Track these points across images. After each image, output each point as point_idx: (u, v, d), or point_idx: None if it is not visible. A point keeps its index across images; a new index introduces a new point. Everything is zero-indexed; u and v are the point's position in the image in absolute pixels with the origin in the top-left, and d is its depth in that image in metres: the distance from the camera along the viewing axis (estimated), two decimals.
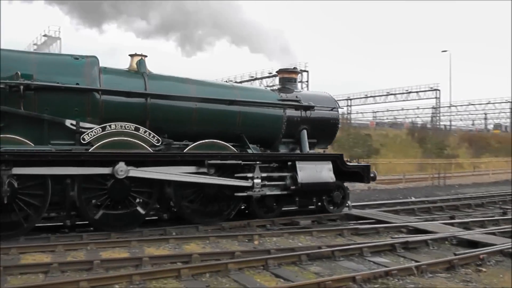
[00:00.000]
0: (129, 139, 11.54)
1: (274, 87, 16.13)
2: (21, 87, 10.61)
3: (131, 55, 13.08)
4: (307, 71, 56.30)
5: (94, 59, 12.01)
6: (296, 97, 14.98)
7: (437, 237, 11.48)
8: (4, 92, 10.53)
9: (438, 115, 73.11)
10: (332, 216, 14.61)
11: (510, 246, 10.33)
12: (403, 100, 75.17)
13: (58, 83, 11.21)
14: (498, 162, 46.11)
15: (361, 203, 17.68)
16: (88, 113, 11.57)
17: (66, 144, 11.28)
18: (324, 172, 13.95)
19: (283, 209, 14.42)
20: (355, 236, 12.14)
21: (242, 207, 13.90)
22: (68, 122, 11.21)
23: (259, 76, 61.67)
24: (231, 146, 13.06)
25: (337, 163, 14.46)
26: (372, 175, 15.24)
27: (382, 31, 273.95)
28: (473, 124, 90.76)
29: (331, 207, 14.76)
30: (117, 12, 13.39)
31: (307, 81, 57.98)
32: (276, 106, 14.46)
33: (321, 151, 16.21)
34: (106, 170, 11.19)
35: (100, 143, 11.23)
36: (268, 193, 13.36)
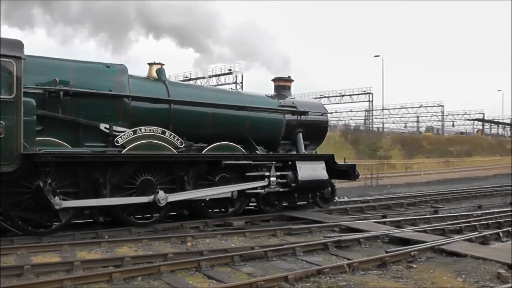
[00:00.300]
0: (157, 141, 12.74)
1: (271, 94, 17.23)
2: (60, 93, 11.53)
3: (150, 64, 14.32)
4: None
5: (123, 67, 13.11)
6: (293, 103, 16.77)
7: (369, 236, 11.67)
8: (43, 98, 11.32)
9: (371, 117, 74.89)
10: (265, 217, 14.71)
11: (440, 243, 10.64)
12: (337, 103, 76.51)
13: (92, 89, 12.17)
14: (430, 163, 47.57)
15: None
16: (120, 117, 12.62)
17: (99, 146, 12.29)
18: (319, 171, 15.73)
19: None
20: (288, 236, 12.19)
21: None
22: (102, 126, 12.24)
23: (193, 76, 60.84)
24: (241, 148, 14.59)
25: (329, 162, 16.24)
26: (356, 173, 17.00)
27: (315, 31, 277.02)
28: (405, 127, 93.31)
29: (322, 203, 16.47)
30: None
31: (241, 82, 58.18)
32: (277, 111, 16.17)
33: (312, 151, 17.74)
34: (145, 199, 12.41)
35: (132, 145, 12.32)
36: (277, 189, 14.91)
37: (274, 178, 14.79)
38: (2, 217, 10.97)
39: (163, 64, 14.31)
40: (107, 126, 12.29)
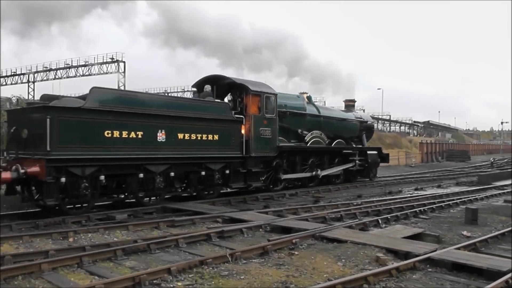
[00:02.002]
0: (319, 139, 22.91)
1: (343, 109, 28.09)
2: (287, 112, 21.11)
3: (302, 93, 24.17)
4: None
5: (306, 95, 23.84)
6: (360, 115, 28.19)
7: (251, 225, 12.02)
8: (280, 116, 20.07)
9: None
10: (148, 209, 14.71)
11: (321, 230, 11.14)
12: None
13: (295, 110, 21.96)
14: None
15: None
16: (305, 125, 22.50)
17: (297, 143, 22.02)
18: (376, 157, 27.10)
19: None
20: (171, 228, 12.26)
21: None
22: (299, 131, 22.11)
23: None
24: (347, 143, 25.70)
25: (378, 152, 27.91)
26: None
27: None
28: None
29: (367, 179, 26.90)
30: None
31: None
32: (354, 121, 26.74)
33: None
34: (312, 174, 22.77)
35: (310, 142, 22.29)
36: (358, 168, 25.70)
37: (358, 161, 25.38)
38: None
39: (307, 93, 24.32)
40: (300, 130, 22.15)
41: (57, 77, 69.56)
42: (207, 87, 18.41)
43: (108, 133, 13.73)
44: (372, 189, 23.17)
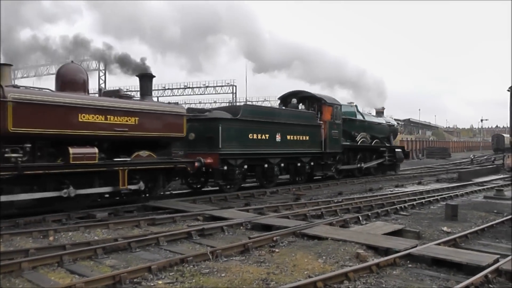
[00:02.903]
0: (365, 139, 28.95)
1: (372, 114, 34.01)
2: (346, 119, 26.63)
3: (350, 103, 29.47)
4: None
5: (355, 105, 29.59)
6: (388, 120, 33.95)
7: (232, 223, 12.05)
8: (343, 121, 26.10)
9: None
10: (129, 207, 14.70)
11: (302, 227, 11.20)
12: (201, 94, 77.26)
13: (352, 117, 27.94)
14: None
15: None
16: (356, 128, 28.31)
17: (351, 143, 27.50)
18: (400, 154, 32.67)
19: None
20: (152, 226, 12.26)
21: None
22: (352, 132, 27.83)
23: None
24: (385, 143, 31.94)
25: (402, 150, 34.14)
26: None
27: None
28: None
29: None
30: None
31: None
32: (387, 125, 32.78)
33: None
34: (357, 166, 28.88)
35: (360, 141, 28.40)
36: (388, 163, 31.70)
37: (387, 157, 31.16)
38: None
39: (353, 102, 30.08)
40: (353, 132, 28.04)
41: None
42: (294, 100, 24.41)
43: (250, 136, 19.89)
44: (353, 186, 23.27)
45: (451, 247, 9.87)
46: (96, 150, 13.60)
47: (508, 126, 52.41)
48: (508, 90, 40.14)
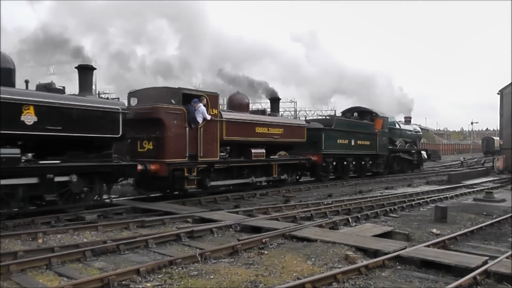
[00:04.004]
0: (401, 144, 36.69)
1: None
2: (389, 128, 33.70)
3: (386, 117, 33.74)
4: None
5: (393, 117, 36.91)
6: (415, 127, 41.26)
7: (221, 225, 12.04)
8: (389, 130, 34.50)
9: None
10: (118, 210, 14.67)
11: (291, 229, 11.22)
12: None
13: (391, 125, 34.64)
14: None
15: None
16: (395, 135, 35.39)
17: (392, 146, 34.39)
18: (425, 154, 39.76)
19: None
20: (141, 228, 12.21)
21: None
22: (393, 138, 35.00)
23: None
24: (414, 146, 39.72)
25: (426, 152, 41.16)
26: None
27: None
28: None
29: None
30: None
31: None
32: (414, 131, 39.75)
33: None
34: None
35: (399, 145, 35.85)
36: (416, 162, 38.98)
37: (416, 158, 38.20)
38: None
39: (388, 117, 34.09)
40: (393, 138, 34.57)
41: None
42: (355, 114, 31.80)
43: (339, 141, 27.13)
44: (343, 189, 23.35)
45: (440, 249, 9.91)
46: (264, 151, 20.87)
47: (498, 129, 52.99)
48: (498, 93, 40.66)
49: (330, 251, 9.49)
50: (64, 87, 14.31)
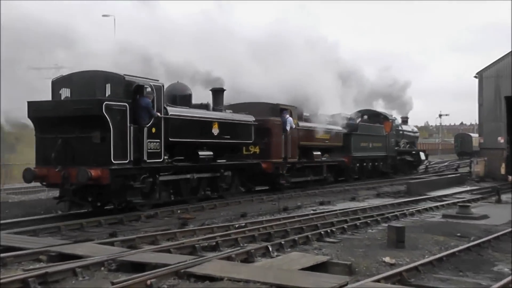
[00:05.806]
0: (404, 145, 52.75)
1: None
2: (400, 131, 51.95)
3: (393, 120, 50.21)
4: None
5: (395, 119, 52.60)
6: (413, 128, 59.42)
7: (89, 263, 11.68)
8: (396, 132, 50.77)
9: None
10: None
11: (188, 265, 11.13)
12: None
13: (398, 128, 51.42)
14: None
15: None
16: (398, 137, 50.35)
17: (396, 147, 49.78)
18: (422, 155, 57.79)
19: None
20: None
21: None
22: (398, 139, 50.26)
23: None
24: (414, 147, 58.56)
25: (424, 152, 61.95)
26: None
27: None
28: None
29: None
30: None
31: None
32: (413, 132, 57.33)
33: None
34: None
35: (402, 146, 51.27)
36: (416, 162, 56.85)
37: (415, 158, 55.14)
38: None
39: (392, 115, 50.64)
40: (397, 140, 49.03)
41: None
42: (365, 116, 43.57)
43: (362, 144, 40.36)
44: (261, 205, 23.46)
45: (396, 284, 10.10)
46: (320, 153, 34.07)
47: (477, 123, 55.27)
48: (476, 77, 42.17)
49: None
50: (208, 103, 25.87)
